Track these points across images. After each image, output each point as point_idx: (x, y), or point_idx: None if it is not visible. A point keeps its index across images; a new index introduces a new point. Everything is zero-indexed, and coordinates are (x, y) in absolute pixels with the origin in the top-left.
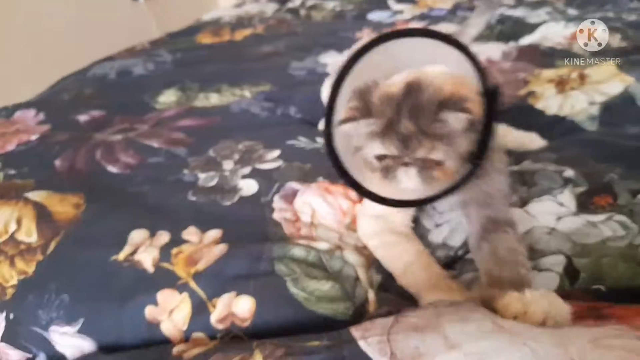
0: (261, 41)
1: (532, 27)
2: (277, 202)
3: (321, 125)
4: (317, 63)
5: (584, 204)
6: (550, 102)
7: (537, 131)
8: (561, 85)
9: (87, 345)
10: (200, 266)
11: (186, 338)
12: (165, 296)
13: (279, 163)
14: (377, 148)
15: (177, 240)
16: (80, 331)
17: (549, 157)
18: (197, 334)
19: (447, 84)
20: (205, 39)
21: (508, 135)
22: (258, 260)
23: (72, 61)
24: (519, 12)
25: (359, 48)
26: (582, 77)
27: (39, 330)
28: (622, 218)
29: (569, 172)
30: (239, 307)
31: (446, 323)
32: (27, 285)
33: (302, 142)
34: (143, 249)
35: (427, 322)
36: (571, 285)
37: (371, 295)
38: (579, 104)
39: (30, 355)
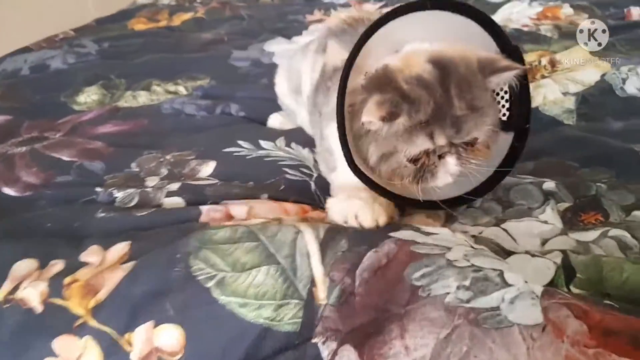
0: (202, 26)
1: (494, 7)
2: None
3: (271, 121)
4: (262, 52)
5: (571, 222)
6: None
7: None
8: (531, 73)
9: None
10: (101, 295)
11: None
12: (63, 344)
13: (214, 181)
14: (421, 143)
15: (72, 267)
16: None
17: (525, 167)
18: None
19: (467, 52)
20: (139, 24)
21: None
22: (171, 265)
23: None
24: None
25: (366, 30)
26: (552, 64)
27: None
28: (618, 232)
29: (550, 185)
30: (162, 340)
31: None
32: None
33: (243, 148)
34: (27, 283)
35: None
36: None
37: (317, 269)
38: (552, 95)
39: None
